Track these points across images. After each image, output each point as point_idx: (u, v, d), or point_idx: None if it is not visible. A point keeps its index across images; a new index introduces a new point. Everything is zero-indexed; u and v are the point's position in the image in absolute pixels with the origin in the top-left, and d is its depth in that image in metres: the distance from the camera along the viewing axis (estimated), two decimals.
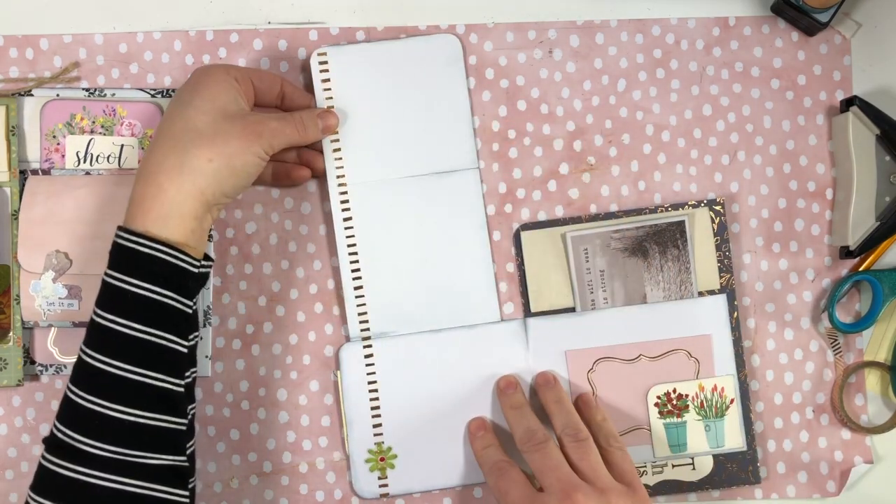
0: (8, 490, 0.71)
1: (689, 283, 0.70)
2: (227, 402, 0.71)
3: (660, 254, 0.69)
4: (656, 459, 0.70)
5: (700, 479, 0.70)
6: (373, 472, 0.69)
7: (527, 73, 0.72)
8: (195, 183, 0.59)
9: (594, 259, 0.69)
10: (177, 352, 0.60)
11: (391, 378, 0.69)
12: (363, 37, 0.72)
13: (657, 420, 0.70)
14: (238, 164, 0.60)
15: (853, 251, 0.70)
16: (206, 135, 0.60)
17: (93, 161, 0.70)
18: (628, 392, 0.70)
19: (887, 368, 0.71)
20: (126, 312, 0.58)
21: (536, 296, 0.70)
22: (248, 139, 0.61)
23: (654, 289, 0.69)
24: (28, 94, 0.71)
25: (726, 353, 0.70)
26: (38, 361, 0.70)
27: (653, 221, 0.70)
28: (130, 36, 0.72)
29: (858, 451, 0.72)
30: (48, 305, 0.68)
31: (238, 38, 0.72)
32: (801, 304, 0.72)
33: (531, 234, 0.71)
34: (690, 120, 0.72)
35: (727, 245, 0.70)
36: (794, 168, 0.72)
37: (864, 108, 0.69)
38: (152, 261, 0.58)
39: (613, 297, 0.70)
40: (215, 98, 0.61)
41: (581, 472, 0.61)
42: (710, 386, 0.70)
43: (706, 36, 0.73)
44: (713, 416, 0.70)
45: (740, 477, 0.70)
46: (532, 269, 0.70)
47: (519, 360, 0.70)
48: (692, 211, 0.70)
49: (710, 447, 0.70)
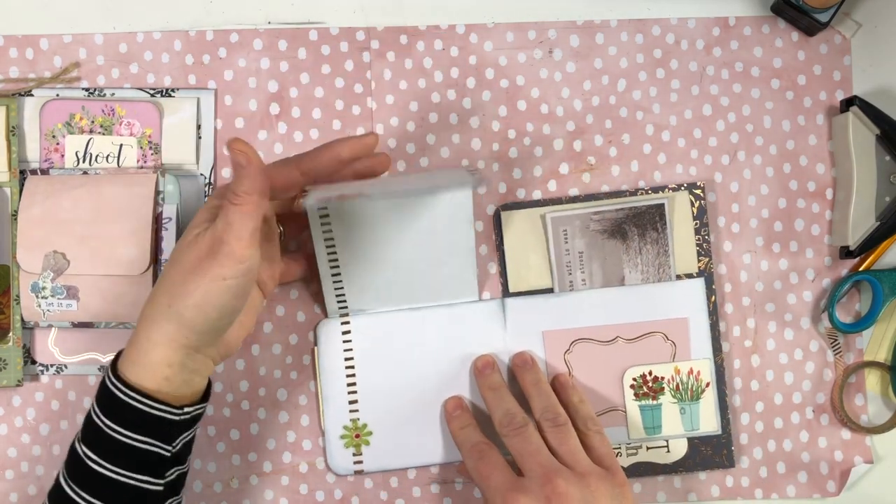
0: (8, 490, 0.71)
1: (668, 266, 0.70)
2: (227, 402, 0.71)
3: (639, 236, 0.69)
4: (631, 441, 0.70)
5: (674, 462, 0.70)
6: (347, 449, 0.69)
7: (527, 73, 0.72)
8: (162, 330, 0.56)
9: (573, 240, 0.69)
10: (147, 491, 0.58)
11: (368, 355, 0.69)
12: (363, 37, 0.72)
13: (632, 402, 0.70)
14: (198, 299, 0.56)
15: (853, 251, 0.70)
16: (166, 277, 0.57)
17: (92, 161, 0.70)
18: (604, 374, 0.70)
19: (887, 368, 0.71)
20: (102, 452, 0.57)
21: (515, 276, 0.70)
22: (201, 266, 0.56)
23: (632, 271, 0.69)
24: (28, 94, 0.71)
25: (703, 337, 0.70)
26: (39, 361, 0.70)
27: (632, 204, 0.70)
28: (130, 36, 0.72)
29: (858, 451, 0.72)
30: (47, 306, 0.68)
31: (238, 38, 0.72)
32: (801, 304, 0.72)
33: (510, 215, 0.71)
34: (690, 120, 0.72)
35: (706, 229, 0.70)
36: (794, 168, 0.72)
37: (864, 108, 0.69)
38: (124, 406, 0.57)
39: (592, 279, 0.70)
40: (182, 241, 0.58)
41: (560, 456, 0.62)
42: (685, 369, 0.70)
43: (706, 36, 0.73)
44: (688, 399, 0.70)
45: (714, 460, 0.70)
46: (511, 250, 0.70)
47: (497, 340, 0.70)
48: (672, 194, 0.70)
49: (685, 430, 0.70)
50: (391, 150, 0.72)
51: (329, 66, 0.72)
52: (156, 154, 0.71)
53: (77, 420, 0.71)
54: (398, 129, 0.72)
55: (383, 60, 0.72)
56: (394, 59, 0.72)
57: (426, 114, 0.72)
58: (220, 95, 0.72)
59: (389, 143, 0.72)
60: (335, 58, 0.72)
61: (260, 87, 0.72)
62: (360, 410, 0.69)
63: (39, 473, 0.71)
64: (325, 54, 0.72)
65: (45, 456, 0.71)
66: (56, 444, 0.71)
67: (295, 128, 0.72)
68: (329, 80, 0.72)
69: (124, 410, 0.57)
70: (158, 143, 0.71)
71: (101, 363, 0.70)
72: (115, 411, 0.57)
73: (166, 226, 0.69)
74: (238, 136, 0.71)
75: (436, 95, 0.72)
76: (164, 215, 0.69)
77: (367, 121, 0.72)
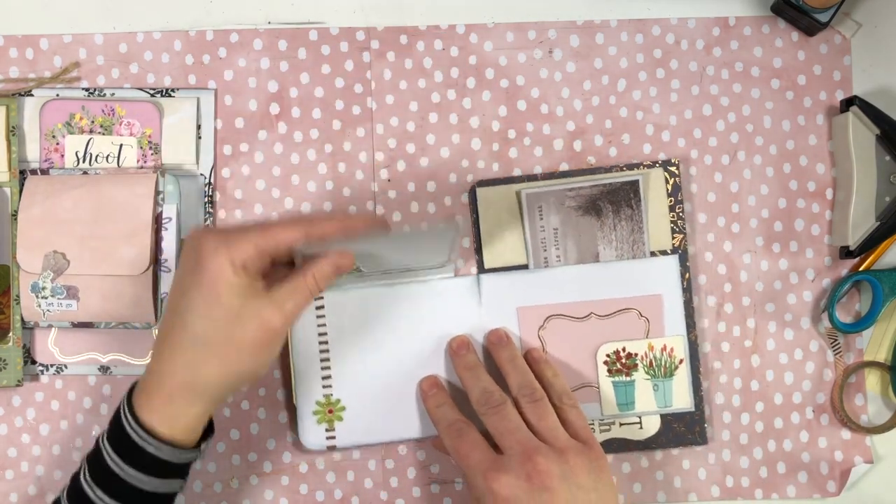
0: (8, 490, 0.71)
1: (642, 243, 0.70)
2: (227, 403, 0.71)
3: (613, 213, 0.69)
4: (604, 417, 0.70)
5: (647, 439, 0.70)
6: (320, 424, 0.69)
7: (527, 73, 0.72)
8: (206, 398, 0.58)
9: (548, 217, 0.69)
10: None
11: (343, 331, 0.69)
12: (363, 37, 0.72)
13: (606, 378, 0.70)
14: (249, 370, 0.57)
15: (853, 251, 0.70)
16: (213, 345, 0.56)
17: (92, 161, 0.70)
18: (578, 350, 0.70)
19: (887, 368, 0.71)
20: (99, 482, 0.58)
21: (490, 252, 0.70)
22: (260, 347, 0.57)
23: (606, 248, 0.70)
24: (28, 94, 0.71)
25: (677, 314, 0.70)
26: (39, 361, 0.70)
27: (607, 180, 0.70)
28: (130, 36, 0.72)
29: (858, 451, 0.72)
30: (47, 305, 0.68)
31: (238, 38, 0.72)
32: (801, 304, 0.72)
33: (486, 191, 0.71)
34: (690, 120, 0.72)
35: (681, 206, 0.70)
36: (794, 168, 0.72)
37: (864, 108, 0.69)
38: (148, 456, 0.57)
39: (566, 255, 0.70)
40: (218, 297, 0.56)
41: (539, 432, 0.62)
42: (659, 346, 0.70)
43: (706, 36, 0.73)
44: (662, 376, 0.70)
45: (687, 437, 0.70)
46: (486, 226, 0.70)
47: (472, 316, 0.70)
48: (646, 171, 0.70)
49: (658, 406, 0.70)
50: (391, 149, 0.72)
51: (329, 66, 0.72)
52: (156, 154, 0.71)
53: (77, 420, 0.71)
54: (398, 129, 0.72)
55: (383, 60, 0.72)
56: (394, 59, 0.72)
57: (426, 114, 0.72)
58: (220, 95, 0.72)
59: (389, 143, 0.72)
60: (335, 58, 0.72)
61: (260, 87, 0.72)
62: (334, 386, 0.69)
63: (39, 473, 0.71)
64: (325, 54, 0.72)
65: (45, 456, 0.71)
66: (56, 444, 0.71)
67: (295, 128, 0.72)
68: (329, 80, 0.72)
69: (145, 458, 0.57)
70: (158, 143, 0.71)
71: (101, 363, 0.70)
72: (136, 459, 0.57)
73: (166, 226, 0.69)
74: (238, 136, 0.71)
75: (436, 95, 0.72)
76: (164, 215, 0.69)
77: (367, 121, 0.72)
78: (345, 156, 0.72)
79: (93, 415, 0.71)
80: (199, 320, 0.56)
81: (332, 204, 0.71)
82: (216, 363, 0.56)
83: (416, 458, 0.71)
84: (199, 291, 0.56)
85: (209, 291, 0.56)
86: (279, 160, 0.72)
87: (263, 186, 0.71)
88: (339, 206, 0.71)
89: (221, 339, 0.56)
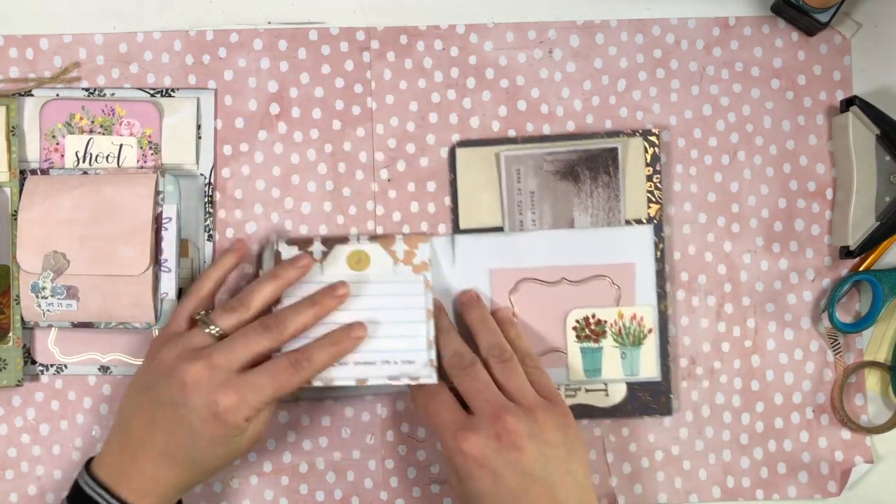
0: (8, 490, 0.71)
1: (618, 211, 0.70)
2: None
3: (591, 179, 0.69)
4: (570, 383, 0.70)
5: (612, 406, 0.70)
6: None
7: (527, 73, 0.72)
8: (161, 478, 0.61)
9: (526, 180, 0.69)
10: None
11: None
12: (363, 37, 0.72)
13: (574, 344, 0.70)
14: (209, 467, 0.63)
15: (853, 251, 0.70)
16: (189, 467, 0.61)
17: (92, 161, 0.70)
18: (548, 314, 0.70)
19: (887, 368, 0.71)
20: None
21: (466, 213, 0.71)
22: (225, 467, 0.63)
23: (582, 214, 0.70)
24: (28, 94, 0.71)
25: (648, 283, 0.70)
26: (39, 361, 0.70)
27: (586, 146, 0.70)
28: (130, 36, 0.72)
29: (859, 451, 0.72)
30: (47, 306, 0.68)
31: (238, 38, 0.72)
32: (801, 304, 0.72)
33: (466, 152, 0.71)
34: (690, 120, 0.72)
35: (659, 176, 0.70)
36: (794, 168, 0.72)
37: (864, 108, 0.69)
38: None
39: (542, 220, 0.70)
40: (220, 448, 0.61)
41: (507, 391, 0.63)
42: (629, 314, 0.70)
43: (706, 36, 0.73)
44: (630, 345, 0.70)
45: (652, 407, 0.70)
46: (464, 187, 0.71)
47: (445, 276, 0.70)
48: (626, 139, 0.70)
49: (625, 374, 0.70)
50: (391, 149, 0.72)
51: (329, 66, 0.72)
52: (156, 154, 0.71)
53: (77, 420, 0.71)
54: (398, 129, 0.72)
55: (383, 60, 0.72)
56: (394, 59, 0.72)
57: (426, 114, 0.72)
58: (220, 95, 0.72)
59: (389, 143, 0.72)
60: (335, 58, 0.72)
61: (260, 87, 0.72)
62: None
63: (39, 473, 0.71)
64: (325, 54, 0.72)
65: (45, 456, 0.71)
66: (56, 444, 0.71)
67: (295, 128, 0.72)
68: (329, 80, 0.72)
69: None
70: (158, 143, 0.71)
71: (101, 363, 0.70)
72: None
73: (166, 226, 0.69)
74: (238, 136, 0.71)
75: (436, 95, 0.72)
76: (164, 215, 0.69)
77: (367, 121, 0.72)
78: (345, 156, 0.72)
79: (93, 415, 0.71)
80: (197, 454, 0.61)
81: (332, 204, 0.71)
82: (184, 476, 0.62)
83: (416, 458, 0.71)
84: (213, 443, 0.60)
85: (222, 445, 0.61)
86: (279, 160, 0.72)
87: (263, 186, 0.71)
88: (339, 206, 0.71)
89: (199, 467, 0.62)
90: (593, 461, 0.71)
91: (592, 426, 0.71)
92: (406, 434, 0.71)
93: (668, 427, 0.71)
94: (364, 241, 0.69)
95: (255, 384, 0.60)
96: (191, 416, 0.60)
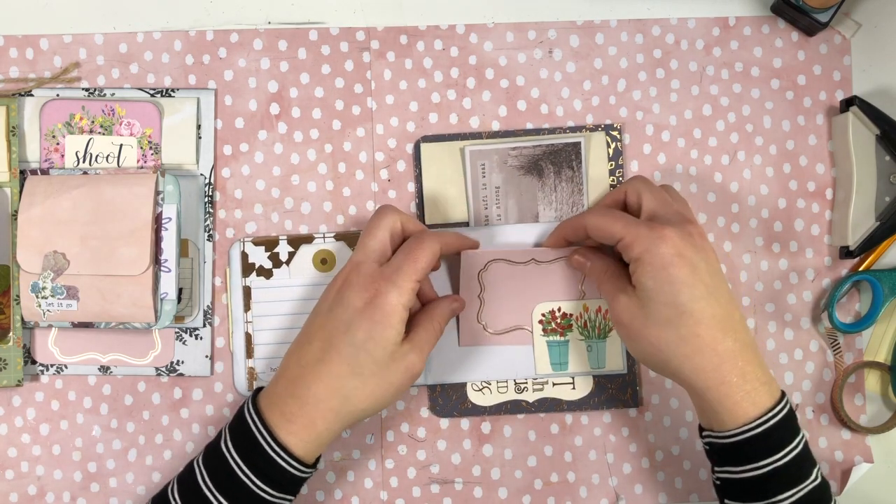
0: (8, 490, 0.71)
1: (581, 205, 0.70)
2: (227, 403, 0.71)
3: (555, 174, 0.70)
4: (538, 376, 0.71)
5: (579, 399, 0.71)
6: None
7: (527, 73, 0.72)
8: (346, 423, 0.61)
9: (490, 175, 0.70)
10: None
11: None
12: (363, 37, 0.72)
13: (541, 337, 0.70)
14: (389, 405, 0.64)
15: (853, 251, 0.70)
16: (369, 381, 0.60)
17: (92, 161, 0.70)
18: (515, 294, 0.70)
19: (887, 368, 0.71)
20: (221, 487, 0.60)
21: (432, 208, 0.71)
22: (403, 387, 0.62)
23: (546, 208, 0.70)
24: (28, 94, 0.71)
25: None
26: (39, 361, 0.70)
27: (550, 141, 0.70)
28: (130, 36, 0.72)
29: (858, 451, 0.72)
30: (47, 306, 0.68)
31: (238, 38, 0.72)
32: (801, 304, 0.72)
33: (431, 147, 0.71)
34: (690, 120, 0.72)
35: (621, 170, 0.71)
36: (794, 168, 0.72)
37: (864, 108, 0.69)
38: (279, 469, 0.60)
39: (507, 215, 0.70)
40: (388, 339, 0.60)
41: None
42: (594, 307, 0.70)
43: (706, 36, 0.73)
44: (596, 337, 0.70)
45: (619, 399, 0.71)
46: (429, 182, 0.71)
47: None
48: (588, 134, 0.71)
49: (591, 367, 0.70)
50: (391, 149, 0.72)
51: (329, 66, 0.72)
52: (156, 154, 0.71)
53: (77, 420, 0.71)
54: (398, 129, 0.72)
55: (383, 60, 0.72)
56: (394, 59, 0.72)
57: (426, 114, 0.72)
58: (220, 95, 0.72)
59: (389, 143, 0.72)
60: (335, 58, 0.72)
61: (260, 87, 0.72)
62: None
63: (39, 473, 0.71)
64: (325, 54, 0.72)
65: (45, 456, 0.71)
66: (56, 443, 0.71)
67: (295, 128, 0.72)
68: (329, 80, 0.72)
69: (283, 475, 0.60)
70: (158, 143, 0.71)
71: (101, 363, 0.70)
72: (272, 476, 0.60)
73: (166, 226, 0.69)
74: (238, 136, 0.71)
75: (436, 95, 0.72)
76: (164, 215, 0.69)
77: (367, 121, 0.72)
78: (345, 156, 0.72)
79: (93, 415, 0.71)
80: (364, 356, 0.60)
81: (332, 204, 0.71)
82: (367, 397, 0.61)
83: (416, 458, 0.71)
84: (372, 331, 0.60)
85: (382, 332, 0.60)
86: (279, 160, 0.72)
87: (263, 186, 0.71)
88: (339, 206, 0.71)
89: (378, 377, 0.60)
90: (593, 461, 0.71)
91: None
92: (406, 434, 0.71)
93: (668, 427, 0.71)
94: (329, 239, 0.70)
95: (393, 264, 0.61)
96: (347, 312, 0.60)
